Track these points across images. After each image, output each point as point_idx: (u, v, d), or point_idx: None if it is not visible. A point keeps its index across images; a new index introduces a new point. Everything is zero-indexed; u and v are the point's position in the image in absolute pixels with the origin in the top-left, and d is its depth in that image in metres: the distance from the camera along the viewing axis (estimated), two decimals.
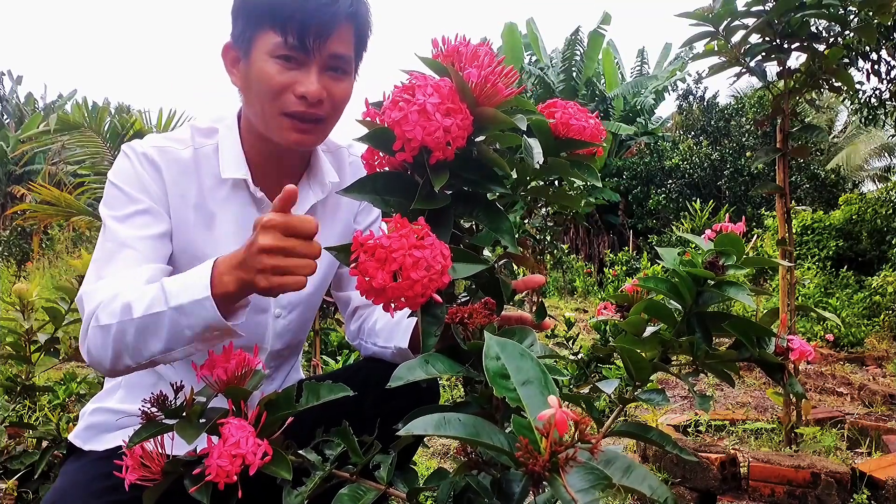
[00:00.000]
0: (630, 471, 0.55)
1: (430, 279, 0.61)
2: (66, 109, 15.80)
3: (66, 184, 8.05)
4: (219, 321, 0.83)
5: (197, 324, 0.84)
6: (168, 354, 0.88)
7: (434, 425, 0.52)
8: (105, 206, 1.06)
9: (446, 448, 2.64)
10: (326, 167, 1.19)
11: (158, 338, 0.86)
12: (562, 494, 0.46)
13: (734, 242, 0.79)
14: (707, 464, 2.12)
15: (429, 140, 0.64)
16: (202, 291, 0.82)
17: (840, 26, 2.27)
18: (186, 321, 0.84)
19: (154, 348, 0.87)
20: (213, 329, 0.84)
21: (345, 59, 1.04)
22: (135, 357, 0.88)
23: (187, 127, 1.15)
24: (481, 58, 0.68)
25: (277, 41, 0.99)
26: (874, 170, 14.69)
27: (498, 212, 0.72)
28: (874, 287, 5.96)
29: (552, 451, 0.47)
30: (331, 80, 1.03)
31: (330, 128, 1.09)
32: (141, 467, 0.71)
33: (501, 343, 0.57)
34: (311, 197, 1.16)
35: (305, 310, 1.22)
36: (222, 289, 0.82)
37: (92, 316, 0.91)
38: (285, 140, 1.05)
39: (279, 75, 1.00)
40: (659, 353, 0.80)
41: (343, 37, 1.03)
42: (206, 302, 0.82)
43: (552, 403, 0.47)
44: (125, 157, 1.08)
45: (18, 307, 2.15)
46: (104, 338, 0.89)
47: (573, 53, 13.65)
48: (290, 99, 1.01)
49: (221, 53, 1.10)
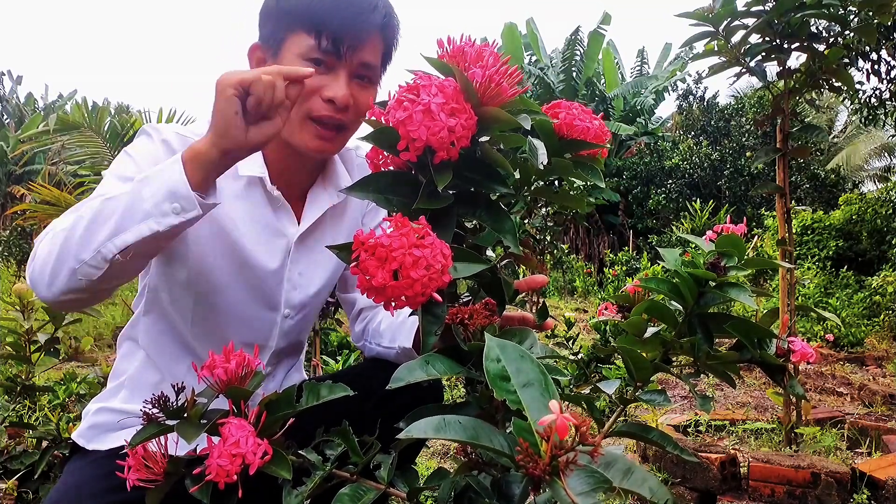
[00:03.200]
0: (630, 473, 0.55)
1: (429, 278, 0.61)
2: (66, 109, 15.80)
3: (66, 184, 8.05)
4: (183, 186, 0.80)
5: (159, 190, 0.80)
6: (115, 239, 0.82)
7: (434, 428, 0.52)
8: (110, 170, 1.04)
9: (447, 448, 2.64)
10: (342, 171, 1.20)
11: (110, 220, 0.82)
12: (562, 497, 0.46)
13: (735, 244, 0.79)
14: (707, 464, 2.12)
15: (433, 140, 0.64)
16: (172, 163, 0.81)
17: (840, 26, 2.27)
18: (148, 190, 0.81)
19: (102, 235, 0.82)
20: (175, 198, 0.80)
21: (373, 68, 1.05)
22: (79, 253, 0.83)
23: (205, 121, 1.15)
24: (486, 58, 0.68)
25: (311, 44, 1.00)
26: (874, 170, 14.70)
27: (501, 212, 0.72)
28: (874, 287, 5.96)
29: (552, 454, 0.47)
30: (358, 88, 1.04)
31: (349, 137, 1.10)
32: (144, 468, 0.71)
33: (502, 345, 0.57)
34: (325, 200, 1.17)
35: (311, 311, 1.23)
36: (194, 151, 0.82)
37: (48, 231, 0.88)
38: (305, 146, 1.05)
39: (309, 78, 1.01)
40: (660, 354, 0.80)
41: (374, 46, 1.04)
42: (175, 164, 0.80)
43: (553, 408, 0.47)
44: (147, 136, 1.07)
45: (18, 307, 2.15)
46: (52, 243, 0.85)
47: (573, 53, 13.65)
48: (318, 102, 1.02)
49: (248, 54, 1.09)
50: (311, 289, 1.19)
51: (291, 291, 1.16)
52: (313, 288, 1.19)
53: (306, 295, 1.18)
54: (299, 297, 1.17)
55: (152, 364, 1.14)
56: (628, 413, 3.03)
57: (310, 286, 1.18)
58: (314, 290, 1.19)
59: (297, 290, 1.17)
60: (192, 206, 0.82)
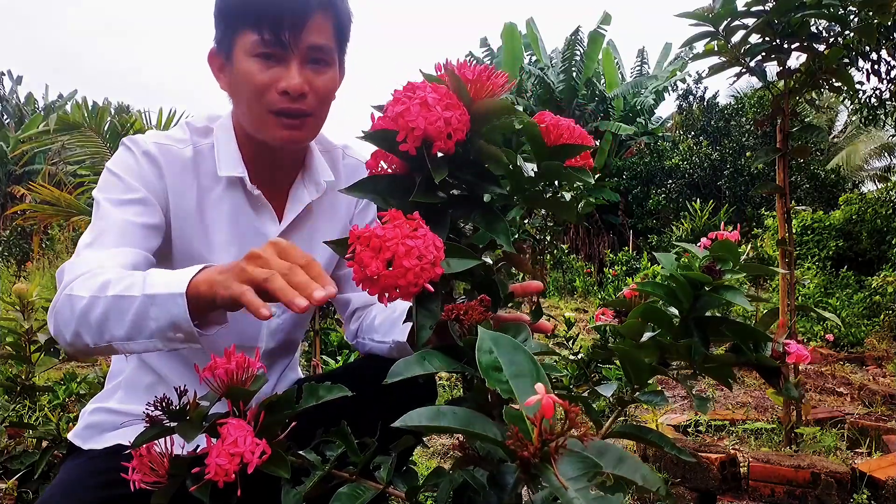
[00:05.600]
0: (622, 461, 0.55)
1: (422, 268, 0.62)
2: (67, 109, 15.81)
3: (66, 184, 8.07)
4: (185, 321, 0.80)
5: (163, 317, 0.81)
6: (126, 343, 0.85)
7: (428, 417, 0.53)
8: (101, 190, 1.05)
9: (446, 448, 2.64)
10: (322, 166, 1.19)
11: (122, 323, 0.84)
12: (552, 482, 0.47)
13: (729, 248, 0.79)
14: (707, 464, 2.12)
15: (430, 129, 0.66)
16: (179, 287, 0.81)
17: (840, 26, 2.27)
18: (154, 312, 0.82)
19: (115, 332, 0.84)
20: (178, 329, 0.81)
21: (324, 49, 1.03)
22: (94, 337, 0.86)
23: (183, 125, 1.15)
24: (474, 66, 0.71)
25: (255, 39, 0.99)
26: (874, 170, 14.70)
27: (494, 213, 0.73)
28: (874, 287, 5.97)
29: (543, 439, 0.47)
30: (312, 73, 1.03)
31: (320, 122, 1.09)
32: (149, 470, 0.71)
33: (494, 337, 0.58)
34: (305, 196, 1.16)
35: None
36: (195, 289, 0.80)
37: (68, 285, 0.90)
38: (275, 139, 1.05)
39: (260, 74, 1.00)
40: (657, 358, 0.80)
41: (320, 27, 1.02)
42: (179, 298, 0.80)
43: (539, 390, 0.47)
44: (127, 150, 1.08)
45: (18, 307, 2.15)
46: (72, 309, 0.87)
47: (573, 53, 13.65)
48: (274, 96, 1.01)
49: (208, 60, 1.10)
50: None
51: None
52: None
53: None
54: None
55: (146, 366, 1.15)
56: (629, 413, 3.03)
57: None
58: None
59: None
60: (193, 339, 0.82)
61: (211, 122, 1.14)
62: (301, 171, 1.17)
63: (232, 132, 1.12)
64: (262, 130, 1.05)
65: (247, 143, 1.12)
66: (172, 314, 0.81)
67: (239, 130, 1.12)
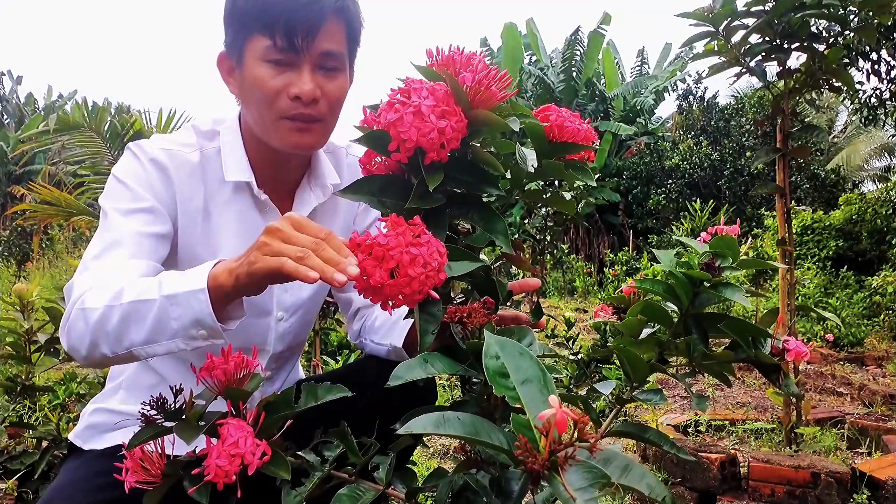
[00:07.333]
0: (628, 470, 0.55)
1: (426, 276, 0.62)
2: (67, 109, 15.81)
3: (66, 184, 8.06)
4: (209, 317, 0.79)
5: (185, 315, 0.80)
6: (147, 347, 0.84)
7: (433, 424, 0.53)
8: (108, 199, 1.04)
9: (446, 448, 2.64)
10: (328, 169, 1.18)
11: (141, 327, 0.83)
12: (561, 493, 0.46)
13: (729, 244, 0.79)
14: (707, 464, 2.12)
15: (423, 141, 0.65)
16: (199, 283, 0.80)
17: (840, 26, 2.27)
18: (175, 311, 0.81)
19: (135, 338, 0.84)
20: (201, 326, 0.81)
21: (336, 55, 1.03)
22: (113, 346, 0.85)
23: (189, 129, 1.14)
24: (475, 64, 0.69)
25: (267, 44, 0.98)
26: (874, 170, 14.69)
27: (492, 213, 0.73)
28: (874, 287, 5.96)
29: (551, 449, 0.47)
30: (324, 79, 1.02)
31: (330, 128, 1.08)
32: (142, 470, 0.71)
33: (501, 342, 0.57)
34: (312, 199, 1.16)
35: (306, 312, 1.22)
36: (217, 282, 0.79)
37: (79, 299, 0.89)
38: (286, 144, 1.04)
39: (272, 79, 1.00)
40: (656, 355, 0.80)
41: (332, 33, 1.01)
42: (201, 294, 0.79)
43: (552, 403, 0.47)
44: (134, 157, 1.06)
45: (18, 307, 2.15)
46: (86, 321, 0.86)
47: (573, 53, 13.64)
48: (286, 102, 1.00)
49: (217, 64, 1.08)
50: (303, 291, 1.18)
51: (283, 294, 1.16)
52: (305, 290, 1.18)
53: (298, 297, 1.18)
54: (291, 300, 1.17)
55: (148, 366, 1.14)
56: (629, 413, 3.03)
57: (301, 288, 1.17)
58: (307, 293, 1.19)
59: (288, 293, 1.16)
60: (217, 334, 0.82)
61: (216, 124, 1.13)
62: (307, 174, 1.17)
63: (239, 135, 1.12)
64: (272, 135, 1.04)
65: (254, 147, 1.11)
66: (195, 311, 0.80)
67: (246, 134, 1.11)
